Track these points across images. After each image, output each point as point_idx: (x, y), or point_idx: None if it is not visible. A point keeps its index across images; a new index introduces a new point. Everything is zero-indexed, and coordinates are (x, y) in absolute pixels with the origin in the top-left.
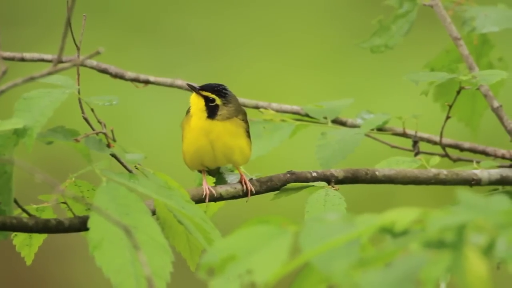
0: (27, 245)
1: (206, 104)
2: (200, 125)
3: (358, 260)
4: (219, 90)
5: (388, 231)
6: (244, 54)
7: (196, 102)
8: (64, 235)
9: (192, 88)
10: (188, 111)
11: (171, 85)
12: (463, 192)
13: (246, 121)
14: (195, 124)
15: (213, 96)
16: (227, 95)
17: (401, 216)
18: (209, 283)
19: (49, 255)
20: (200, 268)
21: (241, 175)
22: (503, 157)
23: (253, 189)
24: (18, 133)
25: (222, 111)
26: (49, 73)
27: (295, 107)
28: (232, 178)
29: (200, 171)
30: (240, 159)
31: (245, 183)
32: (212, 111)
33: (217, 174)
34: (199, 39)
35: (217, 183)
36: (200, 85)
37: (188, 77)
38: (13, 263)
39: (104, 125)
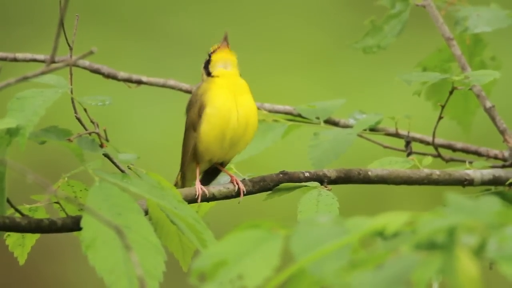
0: (20, 245)
1: None
2: (230, 82)
3: (349, 263)
4: None
5: (378, 233)
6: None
7: (230, 58)
8: (57, 235)
9: (223, 42)
10: (191, 106)
11: (163, 86)
12: (451, 195)
13: None
14: (225, 83)
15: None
16: None
17: (392, 219)
18: None
19: (42, 255)
20: (191, 274)
21: (231, 176)
22: (495, 158)
23: (244, 189)
24: (11, 133)
25: None
26: (42, 73)
27: (288, 107)
28: (224, 179)
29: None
30: (249, 139)
31: (237, 183)
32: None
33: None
34: (191, 40)
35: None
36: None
37: (181, 77)
38: (6, 263)
39: (97, 125)
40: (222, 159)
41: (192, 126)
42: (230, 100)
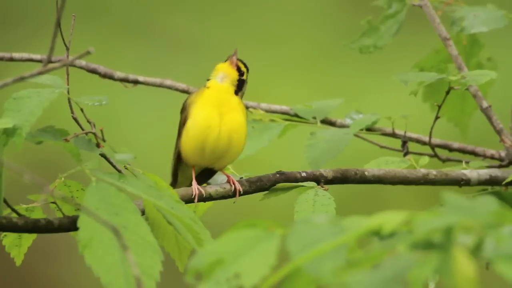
0: (16, 246)
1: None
2: (218, 97)
3: (345, 262)
4: (246, 65)
5: (375, 233)
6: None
7: (230, 73)
8: (54, 235)
9: (232, 57)
10: (182, 112)
11: (160, 86)
12: (448, 194)
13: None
14: (212, 97)
15: (245, 69)
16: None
17: (388, 219)
18: None
19: (38, 255)
20: (187, 273)
21: (228, 176)
22: (492, 157)
23: (241, 189)
24: (8, 133)
25: (244, 89)
26: (39, 73)
27: (284, 107)
28: (221, 178)
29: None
30: (236, 153)
31: (234, 183)
32: (239, 87)
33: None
34: (188, 40)
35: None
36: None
37: (178, 77)
38: (2, 264)
39: (94, 125)
40: (211, 167)
41: (179, 133)
42: (212, 115)
